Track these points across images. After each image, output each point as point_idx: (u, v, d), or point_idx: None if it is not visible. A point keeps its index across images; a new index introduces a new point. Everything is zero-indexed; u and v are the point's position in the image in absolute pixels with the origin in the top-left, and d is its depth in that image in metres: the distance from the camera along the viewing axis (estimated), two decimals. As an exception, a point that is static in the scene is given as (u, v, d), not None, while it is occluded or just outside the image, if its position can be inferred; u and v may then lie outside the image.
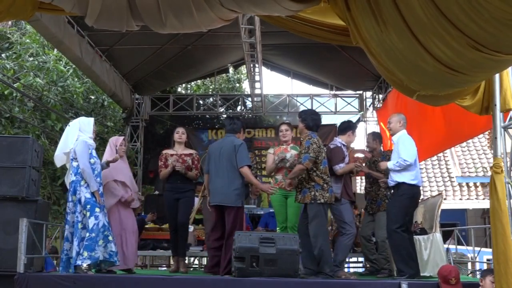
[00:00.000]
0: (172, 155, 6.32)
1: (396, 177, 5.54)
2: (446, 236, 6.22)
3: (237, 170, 5.57)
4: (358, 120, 12.20)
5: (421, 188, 5.72)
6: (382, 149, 7.10)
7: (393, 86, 5.12)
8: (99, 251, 5.22)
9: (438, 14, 3.33)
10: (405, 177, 5.47)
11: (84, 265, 5.15)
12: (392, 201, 5.72)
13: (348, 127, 6.20)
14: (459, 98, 4.99)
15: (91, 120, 5.78)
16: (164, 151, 6.49)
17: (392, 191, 5.84)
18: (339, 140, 6.11)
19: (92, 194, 5.35)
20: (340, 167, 5.87)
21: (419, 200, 5.96)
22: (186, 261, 7.43)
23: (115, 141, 6.09)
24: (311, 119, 5.70)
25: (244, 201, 5.90)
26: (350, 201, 5.98)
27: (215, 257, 5.71)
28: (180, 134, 6.40)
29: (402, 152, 5.50)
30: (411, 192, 5.49)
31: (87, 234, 5.21)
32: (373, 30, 3.98)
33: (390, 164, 5.57)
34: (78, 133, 5.55)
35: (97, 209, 5.31)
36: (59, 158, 5.68)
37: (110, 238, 5.35)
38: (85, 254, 5.14)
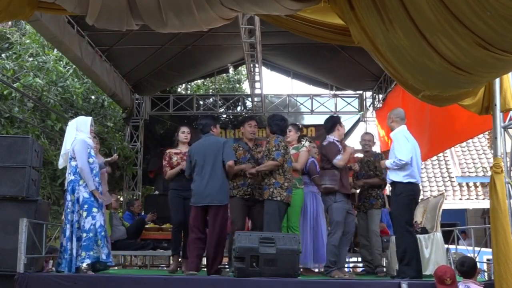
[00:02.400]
0: (176, 153, 6.32)
1: (391, 176, 5.54)
2: (447, 236, 6.21)
3: (223, 168, 5.50)
4: (358, 120, 12.21)
5: (420, 185, 5.70)
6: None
7: (399, 84, 5.11)
8: (98, 251, 5.24)
9: (445, 12, 3.30)
10: (399, 176, 5.46)
11: (84, 265, 5.16)
12: (393, 202, 5.70)
13: (333, 123, 6.14)
14: (463, 100, 4.97)
15: (88, 119, 5.76)
16: (168, 150, 6.48)
17: (391, 189, 5.84)
18: (331, 137, 6.06)
19: (91, 193, 5.35)
20: (338, 159, 5.82)
21: (419, 199, 5.95)
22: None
23: None
24: (275, 124, 5.90)
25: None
26: (346, 194, 5.88)
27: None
28: (186, 134, 6.45)
29: (397, 151, 5.48)
30: (407, 190, 5.46)
31: (84, 235, 5.23)
32: (379, 29, 3.95)
33: (387, 163, 5.57)
34: (75, 133, 5.56)
35: (94, 209, 5.31)
36: (60, 163, 5.73)
37: (107, 240, 5.38)
38: (83, 254, 5.17)
